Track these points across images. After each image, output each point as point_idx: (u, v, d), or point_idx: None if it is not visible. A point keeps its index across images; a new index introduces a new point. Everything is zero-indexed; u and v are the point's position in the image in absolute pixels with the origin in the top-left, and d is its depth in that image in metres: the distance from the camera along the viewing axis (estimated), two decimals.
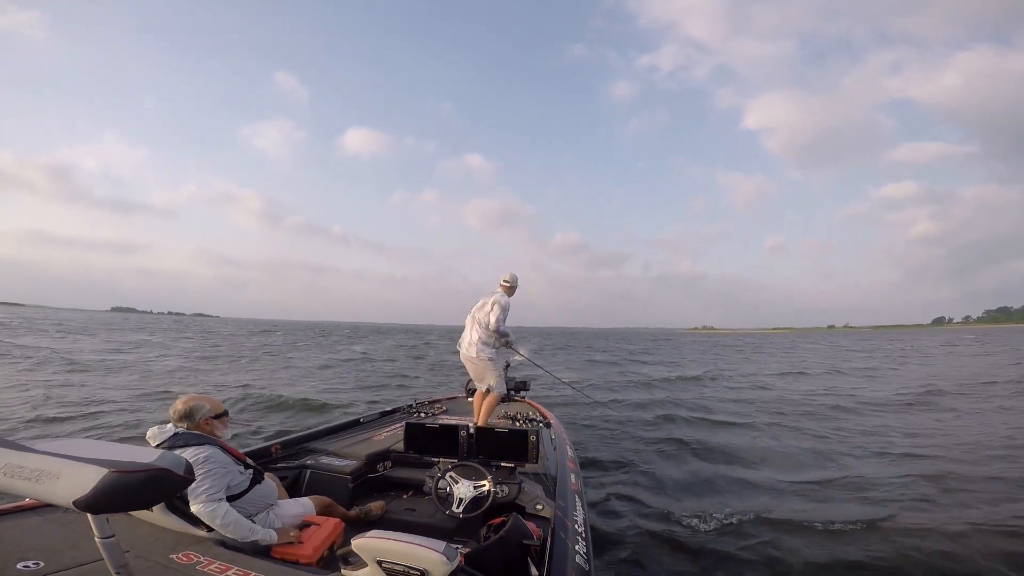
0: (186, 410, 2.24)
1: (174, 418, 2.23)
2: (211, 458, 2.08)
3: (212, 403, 2.34)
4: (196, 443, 2.12)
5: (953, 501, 4.65)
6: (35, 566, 1.61)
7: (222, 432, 2.34)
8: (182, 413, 2.23)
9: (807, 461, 6.31)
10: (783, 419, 9.03)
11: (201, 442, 2.14)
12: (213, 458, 2.09)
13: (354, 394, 11.44)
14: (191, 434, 2.17)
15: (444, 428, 3.21)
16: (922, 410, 9.94)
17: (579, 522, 2.65)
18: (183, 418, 2.23)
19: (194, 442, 2.12)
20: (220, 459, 2.13)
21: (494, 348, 4.64)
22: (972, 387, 12.84)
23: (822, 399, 11.40)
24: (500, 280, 4.82)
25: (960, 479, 5.26)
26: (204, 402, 2.31)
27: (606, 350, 35.18)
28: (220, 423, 2.34)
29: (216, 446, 2.18)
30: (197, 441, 2.13)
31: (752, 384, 14.77)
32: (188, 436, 2.15)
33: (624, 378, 16.00)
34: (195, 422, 2.23)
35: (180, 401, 2.29)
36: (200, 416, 2.25)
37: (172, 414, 2.25)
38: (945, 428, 8.12)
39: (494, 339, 4.62)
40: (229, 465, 2.17)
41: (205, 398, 2.35)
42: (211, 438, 2.22)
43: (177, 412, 2.24)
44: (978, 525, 4.04)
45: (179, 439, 2.12)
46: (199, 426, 2.24)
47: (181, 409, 2.24)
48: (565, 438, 4.38)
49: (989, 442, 6.93)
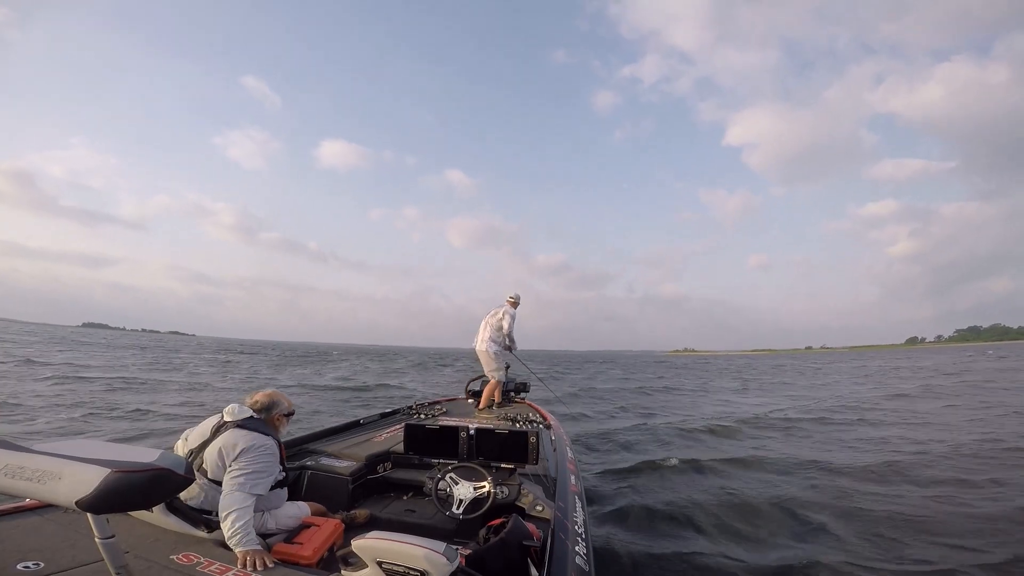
0: (268, 402, 2.38)
1: (254, 407, 2.34)
2: (270, 449, 2.17)
3: (288, 402, 2.49)
4: (264, 432, 2.22)
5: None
6: (35, 566, 1.61)
7: (283, 431, 2.48)
8: (263, 404, 2.37)
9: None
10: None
11: (267, 433, 2.23)
12: (271, 449, 2.17)
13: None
14: (262, 422, 2.29)
15: (444, 429, 3.21)
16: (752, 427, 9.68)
17: (579, 523, 2.65)
18: (262, 409, 2.36)
19: (262, 429, 2.23)
20: (275, 453, 2.21)
21: (499, 345, 5.89)
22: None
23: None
24: (507, 297, 6.05)
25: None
26: (283, 399, 2.46)
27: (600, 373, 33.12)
28: (287, 421, 2.48)
29: (277, 442, 2.28)
30: (264, 430, 2.23)
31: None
32: (259, 423, 2.27)
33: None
34: (271, 415, 2.38)
35: (262, 392, 2.44)
36: (276, 411, 2.40)
37: (251, 403, 2.36)
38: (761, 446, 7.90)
39: (501, 339, 5.89)
40: (277, 464, 2.24)
41: (283, 395, 2.50)
42: (275, 433, 2.32)
43: (258, 402, 2.37)
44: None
45: (251, 422, 2.23)
46: (272, 420, 2.38)
47: (262, 400, 2.38)
48: (565, 439, 4.38)
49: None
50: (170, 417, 9.25)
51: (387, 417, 5.14)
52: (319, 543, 2.14)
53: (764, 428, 9.68)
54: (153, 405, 10.55)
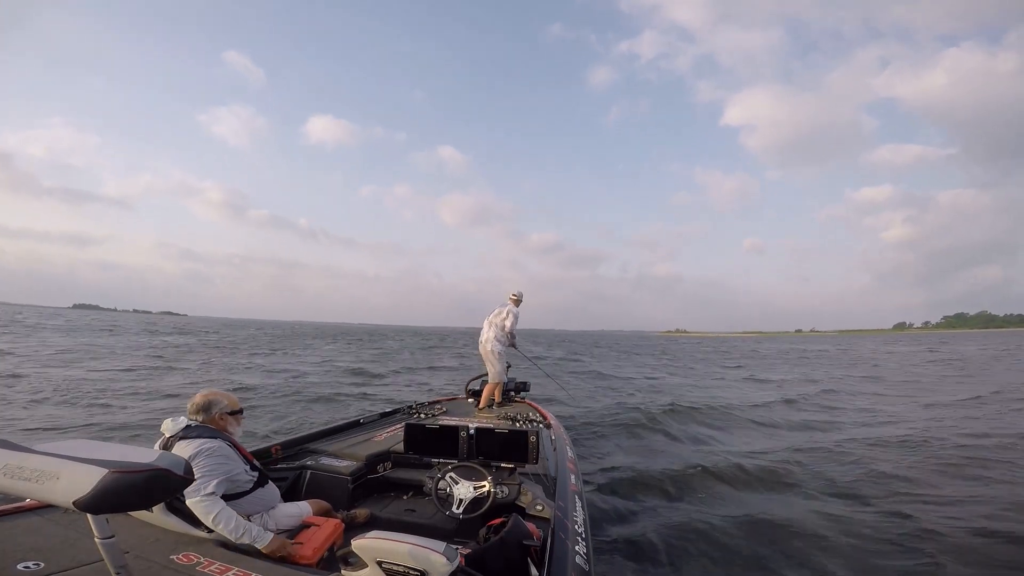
0: (204, 403, 2.28)
1: (191, 410, 2.27)
2: (216, 450, 2.09)
3: (230, 399, 2.37)
4: (208, 435, 2.14)
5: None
6: (35, 567, 1.61)
7: (234, 429, 2.36)
8: (200, 406, 2.28)
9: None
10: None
11: (212, 435, 2.16)
12: (218, 451, 2.10)
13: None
14: (204, 427, 2.21)
15: (444, 429, 3.21)
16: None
17: (579, 523, 2.65)
18: (200, 411, 2.27)
19: (205, 435, 2.14)
20: (225, 452, 2.14)
21: (503, 345, 6.04)
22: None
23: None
24: (509, 294, 6.24)
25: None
26: (222, 397, 2.34)
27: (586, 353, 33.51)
28: (234, 420, 2.37)
29: (226, 441, 2.20)
30: (208, 434, 2.16)
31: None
32: (200, 429, 2.18)
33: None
34: (211, 415, 2.27)
35: (199, 394, 2.33)
36: (216, 411, 2.29)
37: (190, 406, 2.28)
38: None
39: (504, 337, 6.04)
40: (232, 460, 2.17)
41: (223, 394, 2.38)
42: (223, 434, 2.25)
43: (195, 405, 2.28)
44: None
45: (191, 431, 2.15)
46: (214, 420, 2.27)
47: (199, 402, 2.29)
48: (565, 438, 4.38)
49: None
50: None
51: (387, 417, 5.15)
52: (319, 543, 2.14)
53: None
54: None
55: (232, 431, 2.35)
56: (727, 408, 10.29)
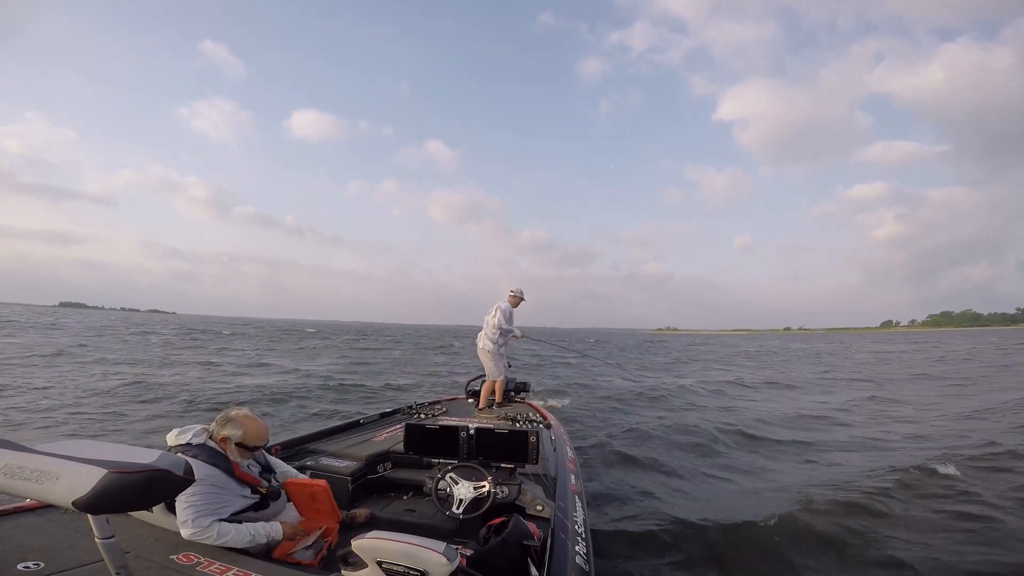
0: (224, 420, 2.16)
1: (216, 419, 2.16)
2: (204, 480, 1.95)
3: (249, 432, 2.17)
4: (203, 459, 2.02)
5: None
6: (35, 567, 1.61)
7: (238, 460, 2.16)
8: (220, 420, 2.15)
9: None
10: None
11: (209, 460, 2.03)
12: (208, 481, 1.97)
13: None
14: (203, 447, 2.08)
15: (444, 429, 3.21)
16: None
17: (579, 523, 2.65)
18: (217, 424, 2.15)
19: (202, 457, 2.02)
20: (219, 482, 2.02)
21: (498, 344, 6.04)
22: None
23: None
24: (508, 292, 6.23)
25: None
26: (244, 427, 2.16)
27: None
28: (239, 452, 2.16)
29: (220, 469, 2.06)
30: (205, 457, 2.03)
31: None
32: (199, 449, 2.06)
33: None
34: (219, 435, 2.13)
35: (235, 410, 2.21)
36: (226, 433, 2.13)
37: (219, 416, 2.18)
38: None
39: (498, 336, 6.02)
40: (225, 491, 2.04)
41: (251, 422, 2.20)
42: (222, 458, 2.10)
43: (221, 416, 2.17)
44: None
45: (190, 450, 2.04)
46: (219, 441, 2.13)
47: (224, 416, 2.17)
48: (565, 439, 4.38)
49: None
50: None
51: (387, 417, 5.15)
52: (325, 505, 2.16)
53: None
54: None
55: (240, 461, 2.16)
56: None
